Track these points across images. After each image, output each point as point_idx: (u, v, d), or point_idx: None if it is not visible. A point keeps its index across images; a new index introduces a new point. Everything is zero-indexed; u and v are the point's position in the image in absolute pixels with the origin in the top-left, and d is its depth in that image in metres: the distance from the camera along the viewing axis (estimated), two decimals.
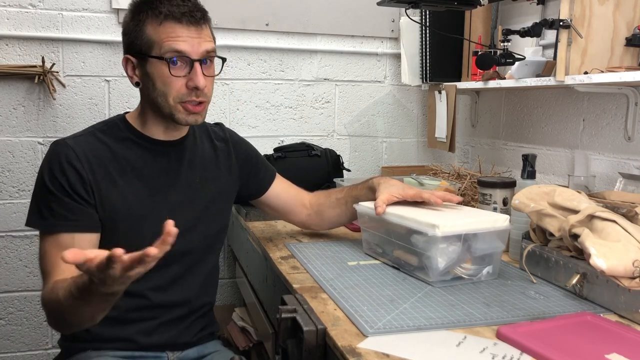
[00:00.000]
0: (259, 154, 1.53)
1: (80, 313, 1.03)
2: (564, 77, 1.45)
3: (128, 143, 1.26)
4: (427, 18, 2.07)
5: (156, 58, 1.18)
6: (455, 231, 1.15)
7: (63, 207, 1.16)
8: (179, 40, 1.17)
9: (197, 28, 1.19)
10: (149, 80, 1.21)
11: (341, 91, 2.36)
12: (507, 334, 0.91)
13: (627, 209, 1.14)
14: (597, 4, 1.43)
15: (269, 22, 2.21)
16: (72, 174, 1.17)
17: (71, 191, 1.16)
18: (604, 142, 1.65)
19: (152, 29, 1.18)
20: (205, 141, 1.39)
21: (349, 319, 0.99)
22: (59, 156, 1.18)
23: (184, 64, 1.19)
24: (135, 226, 1.22)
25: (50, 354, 2.12)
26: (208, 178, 1.35)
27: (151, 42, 1.18)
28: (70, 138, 1.23)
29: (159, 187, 1.27)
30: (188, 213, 1.30)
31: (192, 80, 1.19)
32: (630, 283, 1.00)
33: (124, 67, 1.25)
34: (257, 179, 1.48)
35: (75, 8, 2.02)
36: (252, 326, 1.88)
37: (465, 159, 2.35)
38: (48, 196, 1.16)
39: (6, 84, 1.98)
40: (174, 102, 1.20)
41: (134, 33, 1.20)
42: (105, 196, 1.20)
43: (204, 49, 1.20)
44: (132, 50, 1.22)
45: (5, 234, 2.04)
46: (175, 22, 1.17)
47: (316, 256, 1.37)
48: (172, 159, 1.30)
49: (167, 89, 1.19)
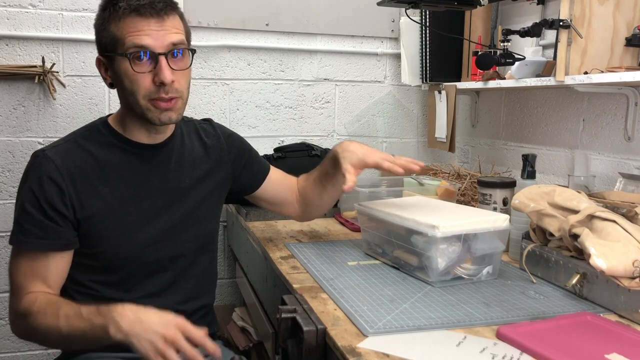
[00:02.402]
0: (251, 147, 1.48)
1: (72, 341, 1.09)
2: (564, 77, 1.45)
3: (111, 148, 1.22)
4: (427, 18, 2.06)
5: (120, 55, 1.13)
6: (455, 231, 1.15)
7: (35, 225, 1.13)
8: (141, 35, 1.11)
9: (158, 20, 1.13)
10: (118, 79, 1.16)
11: (341, 91, 2.36)
12: (507, 334, 0.91)
13: (627, 209, 1.14)
14: (597, 4, 1.43)
15: (269, 22, 2.21)
16: (51, 188, 1.14)
17: (48, 207, 1.13)
18: (604, 142, 1.65)
19: (114, 25, 1.13)
20: (195, 140, 1.35)
21: (349, 319, 0.99)
22: (38, 169, 1.15)
23: (149, 59, 1.13)
24: (122, 234, 1.20)
25: (50, 354, 2.12)
26: (199, 177, 1.32)
27: (115, 39, 1.13)
28: (50, 148, 1.19)
29: (145, 193, 1.24)
30: (177, 216, 1.27)
31: (158, 76, 1.13)
32: (630, 283, 1.00)
33: (98, 68, 1.21)
34: (251, 174, 1.44)
35: (75, 8, 2.02)
36: (252, 326, 1.88)
37: (465, 159, 2.35)
38: (22, 213, 1.14)
39: (6, 84, 1.98)
40: (144, 100, 1.15)
41: (100, 32, 1.16)
42: (87, 207, 1.17)
43: (169, 42, 1.14)
44: (101, 50, 1.18)
45: (5, 234, 2.04)
46: (135, 15, 1.12)
47: (316, 256, 1.37)
48: (157, 162, 1.26)
49: (135, 87, 1.14)
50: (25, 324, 1.12)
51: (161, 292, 1.26)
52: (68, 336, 1.06)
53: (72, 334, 1.06)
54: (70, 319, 1.06)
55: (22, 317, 1.12)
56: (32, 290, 1.14)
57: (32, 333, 1.13)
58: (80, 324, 1.05)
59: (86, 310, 1.05)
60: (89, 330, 1.04)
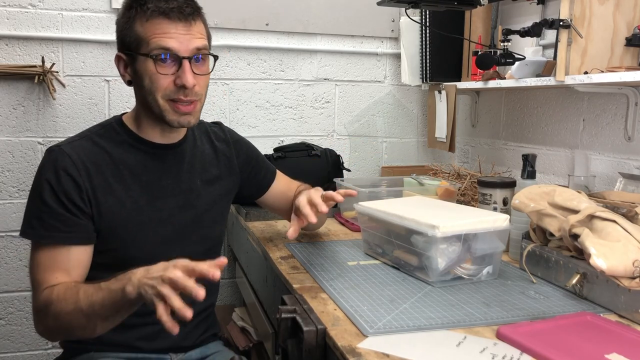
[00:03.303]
0: (259, 153, 1.51)
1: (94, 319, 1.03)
2: (564, 77, 1.45)
3: (126, 147, 1.23)
4: (427, 18, 2.07)
5: (144, 55, 1.15)
6: (455, 231, 1.15)
7: (56, 219, 1.13)
8: (166, 37, 1.14)
9: (186, 24, 1.15)
10: (138, 78, 1.18)
11: (341, 91, 2.36)
12: (507, 334, 0.91)
13: (627, 209, 1.14)
14: (597, 4, 1.43)
15: (269, 22, 2.21)
16: (68, 183, 1.14)
17: (67, 201, 1.13)
18: (604, 142, 1.64)
19: (140, 25, 1.15)
20: (205, 142, 1.37)
21: (349, 319, 0.99)
22: (54, 164, 1.15)
23: (173, 62, 1.15)
24: (134, 233, 1.20)
25: (50, 354, 2.12)
26: (209, 180, 1.33)
27: (139, 39, 1.15)
28: (65, 144, 1.19)
29: (158, 193, 1.25)
30: (188, 217, 1.28)
31: (180, 78, 1.15)
32: (630, 283, 1.00)
33: (116, 65, 1.22)
34: (258, 179, 1.47)
35: (75, 8, 2.02)
36: (252, 326, 1.88)
37: (465, 159, 2.35)
38: (42, 207, 1.14)
39: (6, 84, 1.98)
40: (163, 100, 1.17)
41: (124, 30, 1.18)
42: (102, 203, 1.17)
43: (194, 46, 1.16)
44: (123, 47, 1.19)
45: (5, 234, 2.04)
46: (162, 18, 1.14)
47: (316, 256, 1.37)
48: (171, 162, 1.28)
49: (154, 87, 1.16)
50: (47, 315, 1.09)
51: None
52: (89, 313, 1.04)
53: (93, 308, 1.03)
54: (89, 296, 1.04)
55: (43, 309, 1.09)
56: (52, 284, 1.11)
57: (55, 324, 1.09)
58: (99, 295, 1.03)
59: (104, 282, 1.04)
60: (107, 299, 1.01)
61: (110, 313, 1.02)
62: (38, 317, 1.12)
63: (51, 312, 1.07)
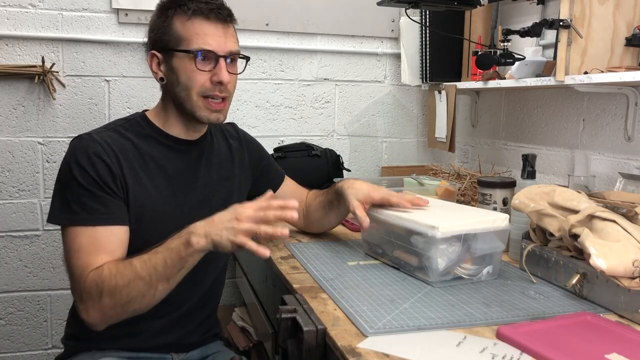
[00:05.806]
0: (269, 156, 1.55)
1: (155, 283, 1.08)
2: (564, 77, 1.45)
3: (150, 140, 1.27)
4: (427, 18, 2.07)
5: (183, 52, 1.21)
6: (454, 231, 1.15)
7: (96, 201, 1.14)
8: (206, 37, 1.21)
9: (223, 26, 1.23)
10: (173, 74, 1.23)
11: (341, 91, 2.36)
12: (507, 334, 0.91)
13: (627, 209, 1.14)
14: (597, 4, 1.43)
15: (269, 22, 2.21)
16: (102, 167, 1.16)
17: (102, 184, 1.15)
18: (604, 142, 1.65)
19: (180, 24, 1.22)
20: (221, 140, 1.41)
21: (349, 319, 0.99)
22: (86, 149, 1.17)
23: (210, 61, 1.22)
24: (157, 223, 1.22)
25: (50, 354, 2.12)
26: (224, 177, 1.37)
27: (179, 37, 1.21)
28: (94, 132, 1.22)
29: (180, 186, 1.28)
30: (206, 212, 1.26)
31: (217, 75, 1.21)
32: (630, 283, 1.00)
33: (149, 63, 1.27)
34: (268, 180, 1.49)
35: (75, 8, 2.02)
36: (252, 326, 1.88)
37: (465, 159, 2.35)
38: (79, 190, 1.14)
39: (6, 84, 1.98)
40: (197, 96, 1.22)
41: (161, 29, 1.23)
42: (132, 190, 1.20)
43: (229, 49, 1.23)
44: (159, 46, 1.24)
45: (5, 234, 2.04)
46: (203, 18, 1.21)
47: (316, 256, 1.37)
48: (192, 157, 1.32)
49: (191, 83, 1.21)
50: (101, 295, 1.07)
51: (180, 286, 1.18)
52: (150, 279, 1.06)
53: (155, 270, 1.07)
54: (146, 261, 1.07)
55: (94, 292, 1.08)
56: (98, 265, 1.10)
57: (111, 302, 1.08)
58: (158, 257, 1.07)
59: (161, 246, 1.09)
60: (169, 257, 1.07)
61: (173, 272, 1.08)
62: (89, 302, 1.10)
63: (106, 290, 1.07)
